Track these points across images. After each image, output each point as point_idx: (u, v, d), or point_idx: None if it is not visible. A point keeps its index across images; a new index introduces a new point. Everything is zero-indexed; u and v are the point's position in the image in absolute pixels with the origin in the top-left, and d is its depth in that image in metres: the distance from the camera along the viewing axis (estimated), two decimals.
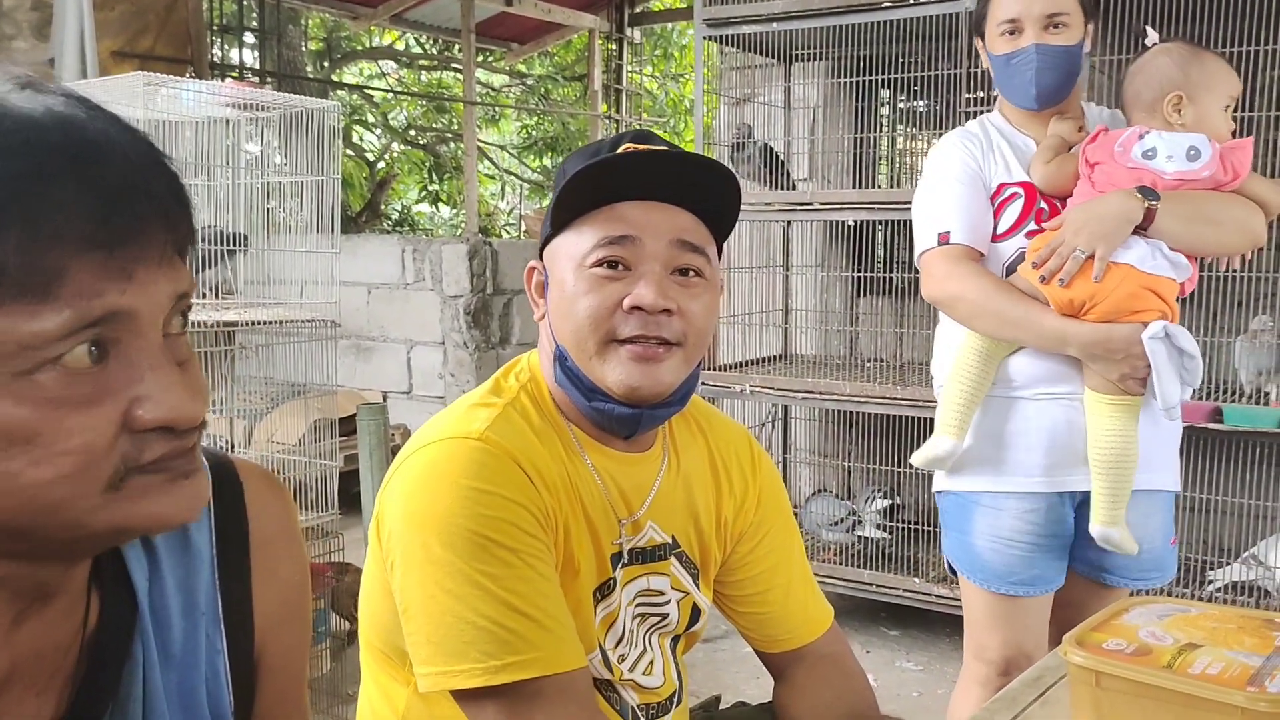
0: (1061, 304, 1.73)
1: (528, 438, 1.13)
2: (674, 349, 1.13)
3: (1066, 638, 1.00)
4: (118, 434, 0.63)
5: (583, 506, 1.16)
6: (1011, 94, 1.88)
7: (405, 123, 10.87)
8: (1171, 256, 1.73)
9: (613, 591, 1.19)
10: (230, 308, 2.75)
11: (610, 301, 1.11)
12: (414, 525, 1.06)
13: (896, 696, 3.17)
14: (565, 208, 1.14)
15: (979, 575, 1.88)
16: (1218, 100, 1.77)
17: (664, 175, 1.14)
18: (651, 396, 1.13)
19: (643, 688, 1.22)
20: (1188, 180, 1.74)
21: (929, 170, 1.94)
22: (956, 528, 1.91)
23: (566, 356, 1.14)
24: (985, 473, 1.87)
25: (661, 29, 9.86)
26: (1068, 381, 1.81)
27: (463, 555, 1.03)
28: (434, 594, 1.04)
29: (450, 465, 1.07)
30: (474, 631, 1.02)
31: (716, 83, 4.16)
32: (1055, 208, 1.84)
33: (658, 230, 1.13)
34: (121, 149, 0.63)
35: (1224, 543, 3.23)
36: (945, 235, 1.83)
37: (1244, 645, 0.97)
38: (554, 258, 1.17)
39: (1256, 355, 2.92)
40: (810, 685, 1.30)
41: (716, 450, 1.32)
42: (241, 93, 2.70)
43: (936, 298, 1.86)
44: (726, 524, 1.31)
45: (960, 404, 1.84)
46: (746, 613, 1.34)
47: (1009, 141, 1.91)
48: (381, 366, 5.78)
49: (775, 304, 4.15)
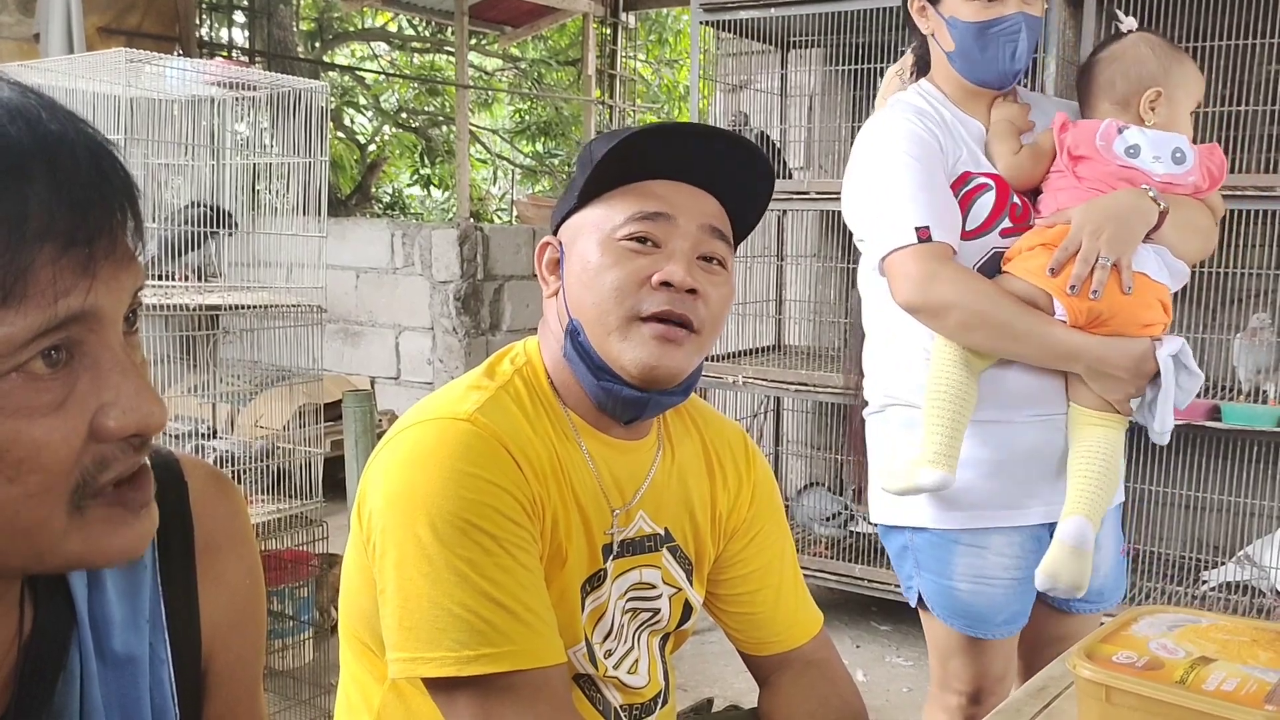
0: (1078, 315, 1.55)
1: (519, 422, 1.10)
2: (691, 336, 1.11)
3: (1074, 649, 0.96)
4: (83, 445, 0.61)
5: (575, 494, 1.13)
6: (976, 68, 1.65)
7: (397, 105, 10.78)
8: (1173, 265, 1.61)
9: (603, 583, 1.16)
10: (214, 291, 2.70)
11: (640, 275, 1.09)
12: (395, 505, 1.03)
13: (887, 692, 3.15)
14: (597, 181, 1.12)
15: (960, 620, 1.69)
16: (1189, 103, 1.66)
17: (700, 157, 1.12)
18: (665, 380, 1.11)
19: (626, 687, 1.19)
20: (1175, 184, 1.61)
21: (879, 151, 1.66)
22: (934, 570, 1.70)
23: (580, 331, 1.12)
24: (968, 507, 1.65)
25: (657, 14, 9.79)
26: (1057, 401, 1.64)
27: (443, 539, 1.00)
28: (410, 577, 1.01)
29: (436, 446, 1.04)
30: (448, 619, 0.99)
31: (712, 69, 4.11)
32: (1027, 205, 1.66)
33: (690, 212, 1.12)
34: (80, 143, 0.60)
35: (1218, 542, 3.21)
36: (925, 231, 1.56)
37: (1259, 659, 0.93)
38: (576, 232, 1.14)
39: (1255, 353, 2.89)
40: (797, 694, 1.27)
41: (711, 445, 1.29)
42: (227, 71, 2.64)
43: (917, 305, 1.59)
44: (721, 519, 1.28)
45: (946, 429, 1.58)
46: (735, 613, 1.30)
47: (965, 126, 1.68)
48: (369, 352, 5.73)
49: (769, 294, 4.11)
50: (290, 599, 2.90)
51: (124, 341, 0.63)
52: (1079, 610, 1.77)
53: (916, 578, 1.75)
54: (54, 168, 0.58)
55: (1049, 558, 1.57)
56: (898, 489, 1.65)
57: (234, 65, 2.69)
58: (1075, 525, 1.55)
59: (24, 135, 0.58)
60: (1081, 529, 1.55)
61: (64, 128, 0.60)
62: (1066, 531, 1.56)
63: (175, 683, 0.77)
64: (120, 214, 0.61)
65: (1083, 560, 1.55)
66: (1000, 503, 1.66)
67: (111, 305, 0.61)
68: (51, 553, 0.62)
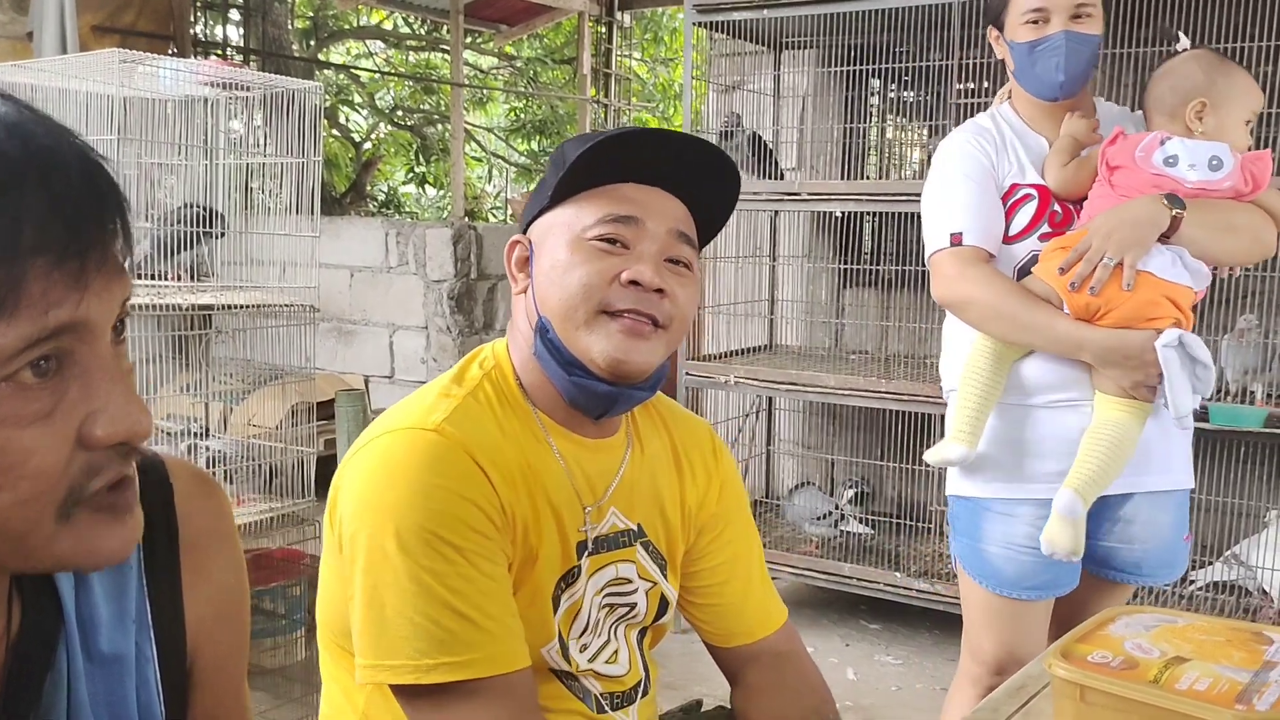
0: (1078, 309, 1.72)
1: (487, 428, 1.12)
2: (659, 331, 1.13)
3: (1050, 649, 0.97)
4: (72, 453, 0.62)
5: (546, 495, 1.15)
6: (1032, 84, 1.85)
7: (392, 104, 10.78)
8: (1192, 265, 1.72)
9: (577, 580, 1.18)
10: (206, 291, 2.70)
11: (608, 274, 1.12)
12: (362, 515, 1.05)
13: (875, 690, 3.17)
14: (569, 182, 1.14)
15: (990, 581, 1.86)
16: (1240, 113, 1.76)
17: (669, 162, 1.15)
18: (633, 373, 1.13)
19: (605, 676, 1.21)
20: (1209, 190, 1.73)
21: (940, 165, 1.91)
22: (967, 533, 1.89)
23: (549, 328, 1.13)
24: (998, 479, 1.85)
25: (652, 13, 9.78)
26: (1080, 388, 1.79)
27: (407, 549, 1.02)
28: (375, 585, 1.03)
29: (402, 457, 1.06)
30: (409, 628, 1.02)
31: (706, 69, 4.12)
32: (1069, 211, 1.83)
33: (659, 216, 1.15)
34: (72, 157, 0.62)
35: (1206, 541, 3.22)
36: (957, 236, 1.81)
37: (1232, 659, 0.95)
38: (546, 231, 1.17)
39: (1242, 354, 2.91)
40: (768, 688, 1.29)
41: (679, 442, 1.31)
42: (220, 71, 2.65)
43: (947, 300, 1.84)
44: (690, 515, 1.30)
45: (972, 410, 1.81)
46: (704, 604, 1.33)
47: (1022, 140, 1.88)
48: (363, 350, 5.74)
49: (761, 294, 4.12)
50: (282, 598, 2.91)
51: (112, 351, 0.64)
52: (1121, 580, 1.91)
53: (954, 541, 1.95)
54: (47, 182, 0.59)
55: (1048, 526, 1.75)
56: (932, 460, 1.87)
57: (227, 65, 2.70)
58: (1065, 497, 1.72)
59: (17, 150, 0.59)
60: (1070, 501, 1.72)
61: (57, 142, 0.61)
62: (1057, 502, 1.73)
63: (161, 681, 0.78)
64: (111, 226, 0.63)
65: (1075, 528, 1.72)
66: (1027, 476, 1.83)
67: (101, 316, 0.63)
68: (40, 555, 0.64)
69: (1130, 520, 1.86)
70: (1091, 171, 1.80)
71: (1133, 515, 1.85)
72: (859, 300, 4.10)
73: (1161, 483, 1.85)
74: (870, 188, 3.39)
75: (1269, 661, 0.94)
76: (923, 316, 3.69)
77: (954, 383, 1.90)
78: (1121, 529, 1.86)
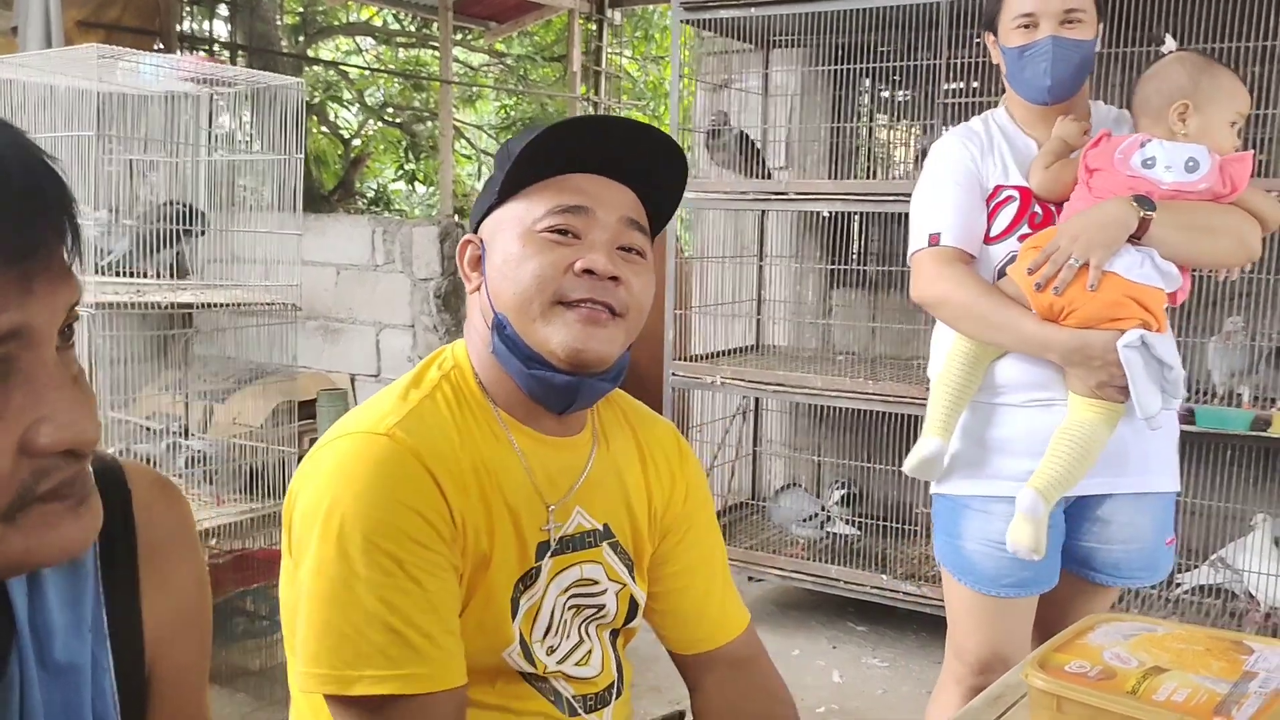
0: (1042, 308, 1.73)
1: (444, 432, 1.11)
2: (617, 319, 1.13)
3: (1028, 659, 0.96)
4: (16, 460, 0.61)
5: (504, 497, 1.13)
6: (1022, 87, 1.87)
7: (382, 100, 10.74)
8: (1162, 266, 1.71)
9: (536, 581, 1.16)
10: (187, 289, 2.68)
11: (560, 264, 1.11)
12: (310, 519, 1.05)
13: (861, 693, 3.15)
14: (516, 177, 1.13)
15: (969, 578, 1.87)
16: (1224, 114, 1.75)
17: (617, 150, 1.14)
18: (594, 361, 1.12)
19: (575, 678, 1.19)
20: (1184, 191, 1.72)
21: (928, 167, 1.94)
22: (947, 531, 1.91)
23: (506, 324, 1.12)
24: (974, 476, 1.87)
25: (642, 10, 9.76)
26: (1055, 388, 1.80)
27: (347, 557, 1.01)
28: (314, 592, 1.03)
29: (352, 463, 1.05)
30: (337, 638, 1.01)
31: (696, 67, 4.10)
32: (1050, 213, 1.84)
33: (609, 205, 1.14)
34: (13, 158, 0.60)
35: (1193, 545, 3.22)
36: (935, 237, 1.84)
37: (1211, 670, 0.94)
38: (496, 227, 1.16)
39: (1229, 356, 2.90)
40: (727, 696, 1.28)
41: (644, 442, 1.30)
42: (202, 67, 2.62)
43: (924, 299, 1.87)
44: (657, 515, 1.28)
45: (946, 405, 1.84)
46: (665, 610, 1.31)
47: (1010, 142, 1.90)
48: (349, 349, 5.70)
49: (748, 294, 4.10)
50: (264, 599, 2.89)
51: (59, 357, 0.63)
52: (1100, 582, 1.91)
53: (935, 539, 1.96)
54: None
55: (1011, 524, 1.75)
56: (909, 469, 1.88)
57: (209, 61, 2.67)
58: (1027, 496, 1.73)
59: None
60: (1033, 500, 1.72)
61: (2, 141, 0.60)
62: (1020, 501, 1.74)
63: (118, 691, 0.77)
64: (56, 230, 0.61)
65: (1036, 527, 1.72)
66: (1003, 474, 1.83)
67: (46, 321, 0.61)
68: None
69: (1108, 521, 1.86)
70: (1074, 173, 1.80)
71: (1110, 516, 1.86)
72: (847, 301, 4.09)
73: (1140, 484, 1.85)
74: (858, 187, 3.37)
75: (1248, 672, 0.93)
76: (911, 318, 3.68)
77: None
78: (1100, 529, 1.87)
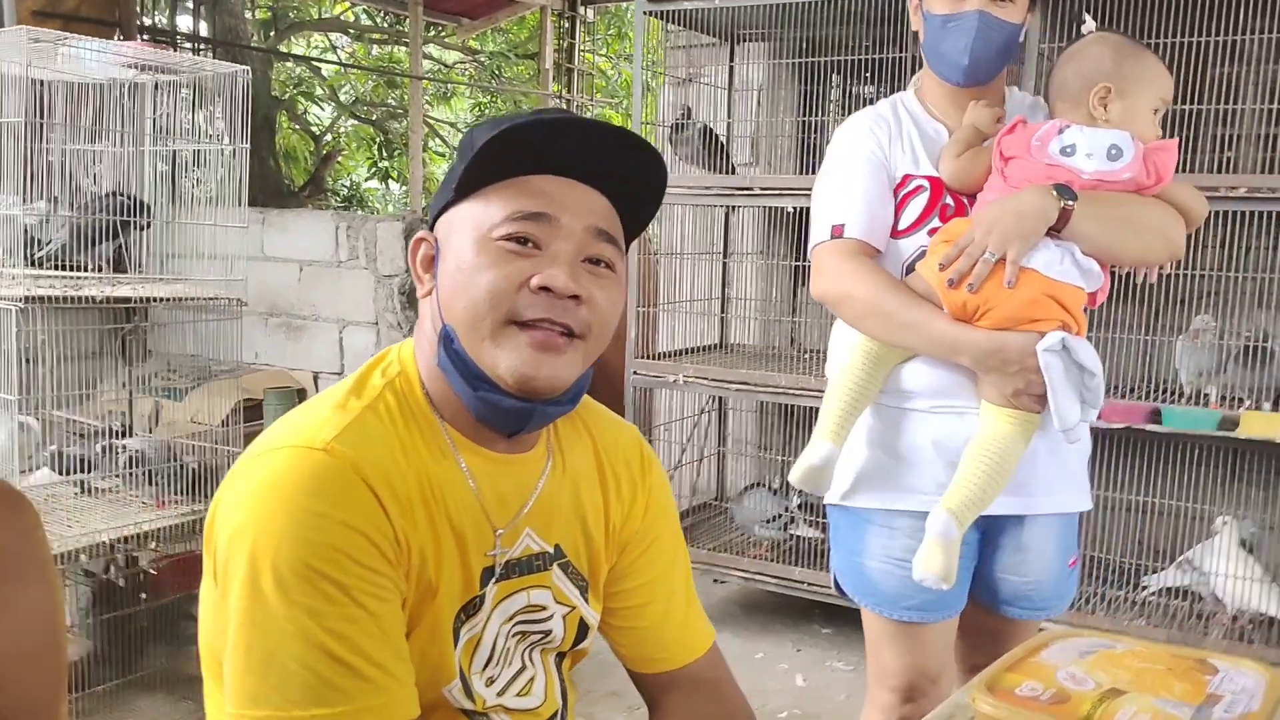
0: (955, 307, 1.57)
1: (385, 447, 1.01)
2: (575, 342, 1.02)
3: (975, 681, 0.89)
4: None
5: (450, 520, 1.04)
6: (939, 63, 1.71)
7: (354, 98, 10.62)
8: (1083, 263, 1.57)
9: (478, 611, 1.07)
10: (126, 283, 2.58)
11: (516, 279, 1.00)
12: (238, 544, 0.94)
13: (824, 697, 3.09)
14: (475, 173, 1.02)
15: (869, 599, 1.73)
16: (1148, 100, 1.62)
17: (586, 150, 1.03)
18: (545, 390, 1.01)
19: (517, 710, 1.11)
20: (1106, 181, 1.58)
21: (832, 154, 1.78)
22: (846, 546, 1.76)
23: (454, 338, 1.02)
24: (879, 488, 1.71)
25: (615, 8, 9.68)
26: (967, 394, 1.65)
27: (284, 586, 0.91)
28: (246, 624, 0.92)
29: (285, 481, 0.95)
30: (280, 675, 0.91)
31: (663, 61, 4.03)
32: (963, 205, 1.69)
33: (575, 211, 1.03)
34: None
35: (1159, 546, 3.18)
36: (839, 228, 1.68)
37: (1173, 692, 0.87)
38: (450, 228, 1.05)
39: (1197, 355, 2.85)
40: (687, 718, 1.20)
41: (604, 452, 1.20)
42: (143, 53, 2.52)
43: (826, 296, 1.70)
44: (615, 531, 1.19)
45: (842, 408, 1.67)
46: (623, 627, 1.23)
47: (920, 128, 1.74)
48: (312, 346, 5.60)
49: (714, 292, 4.03)
50: None
51: None
52: (1015, 616, 1.76)
53: (833, 555, 1.80)
54: None
55: (920, 549, 1.59)
56: (796, 479, 1.70)
57: (150, 47, 2.58)
58: (940, 519, 1.57)
59: None
60: (945, 523, 1.56)
61: None
62: (932, 524, 1.58)
63: None
64: None
65: (947, 552, 1.56)
66: (908, 486, 1.69)
67: None
68: None
69: (1023, 549, 1.71)
70: (987, 162, 1.66)
71: (1027, 543, 1.71)
72: (813, 298, 4.02)
73: (1053, 504, 1.71)
74: None
75: (1212, 695, 0.86)
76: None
77: None
78: (1012, 559, 1.72)
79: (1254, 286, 3.09)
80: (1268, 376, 2.77)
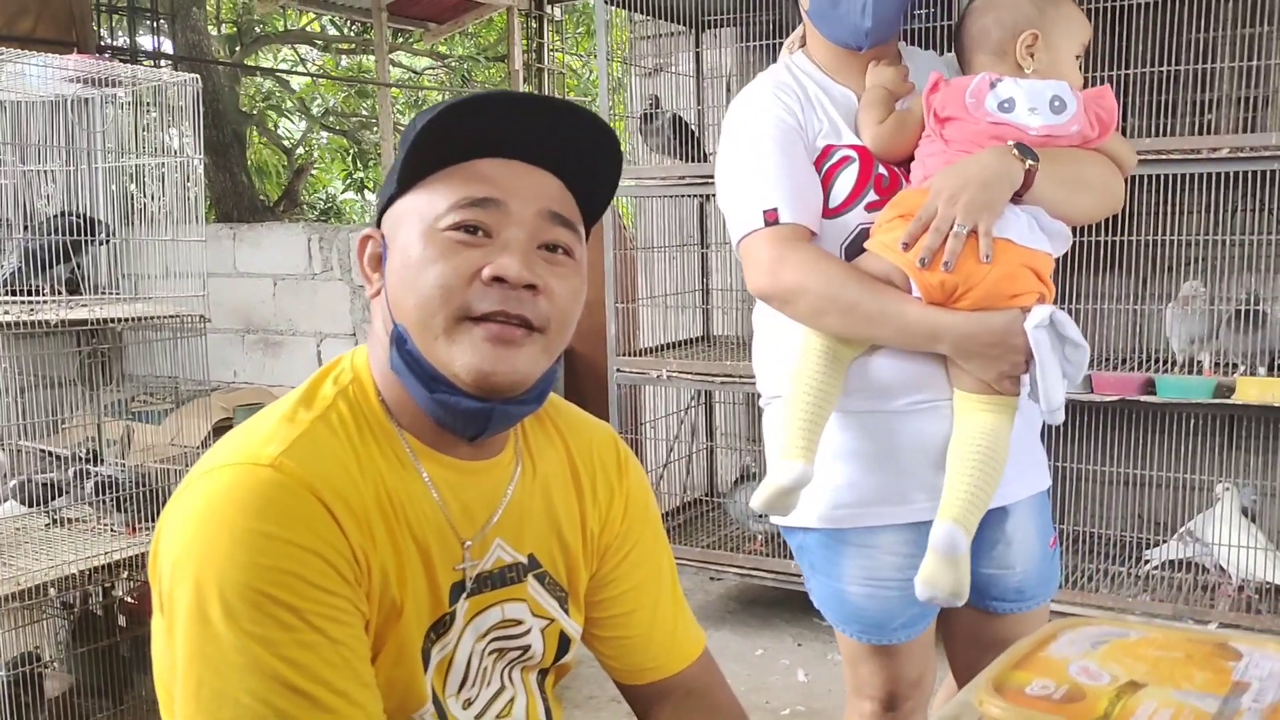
0: (931, 290, 1.42)
1: (339, 460, 0.94)
2: (534, 335, 0.95)
3: (981, 680, 0.81)
4: None
5: (412, 534, 0.97)
6: (832, 28, 1.54)
7: (324, 110, 10.53)
8: (1051, 227, 1.46)
9: (449, 629, 1.00)
10: (83, 305, 2.49)
11: (466, 271, 0.93)
12: (183, 571, 0.87)
13: (827, 693, 3.03)
14: (416, 162, 0.95)
15: (853, 627, 1.59)
16: (1070, 47, 1.52)
17: (532, 129, 0.96)
18: (505, 387, 0.95)
19: None
20: (1056, 136, 1.47)
21: (737, 131, 1.58)
22: (825, 572, 1.60)
23: (406, 339, 0.95)
24: (854, 504, 1.55)
25: (583, 5, 9.61)
26: (938, 388, 1.50)
27: (233, 614, 0.84)
28: (195, 657, 0.85)
29: (231, 501, 0.88)
30: (234, 710, 0.84)
31: (630, 53, 3.95)
32: (896, 175, 1.54)
33: (525, 195, 0.96)
34: None
35: (1159, 518, 3.12)
36: (772, 213, 1.48)
37: (1194, 682, 0.80)
38: (396, 222, 0.98)
39: (1188, 323, 2.79)
40: None
41: (578, 454, 1.13)
42: (85, 65, 2.44)
43: (768, 292, 1.51)
44: (592, 537, 1.13)
45: (804, 420, 1.48)
46: (608, 637, 1.16)
47: (827, 93, 1.56)
48: (291, 362, 5.51)
49: (694, 284, 3.96)
50: None
51: None
52: (1004, 611, 1.64)
53: (811, 579, 1.65)
54: None
55: (924, 566, 1.45)
56: (760, 505, 1.51)
57: (92, 59, 2.49)
58: (945, 532, 1.43)
59: None
60: (951, 535, 1.43)
61: None
62: (936, 538, 1.44)
63: None
64: None
65: (958, 567, 1.43)
66: (886, 498, 1.54)
67: None
68: None
69: (1010, 540, 1.59)
70: (916, 126, 1.52)
71: (1013, 533, 1.59)
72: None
73: (1028, 487, 1.60)
74: None
75: (1238, 683, 0.79)
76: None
77: (778, 388, 1.59)
78: (1002, 553, 1.59)
79: (1242, 250, 3.03)
80: (1261, 340, 2.71)
